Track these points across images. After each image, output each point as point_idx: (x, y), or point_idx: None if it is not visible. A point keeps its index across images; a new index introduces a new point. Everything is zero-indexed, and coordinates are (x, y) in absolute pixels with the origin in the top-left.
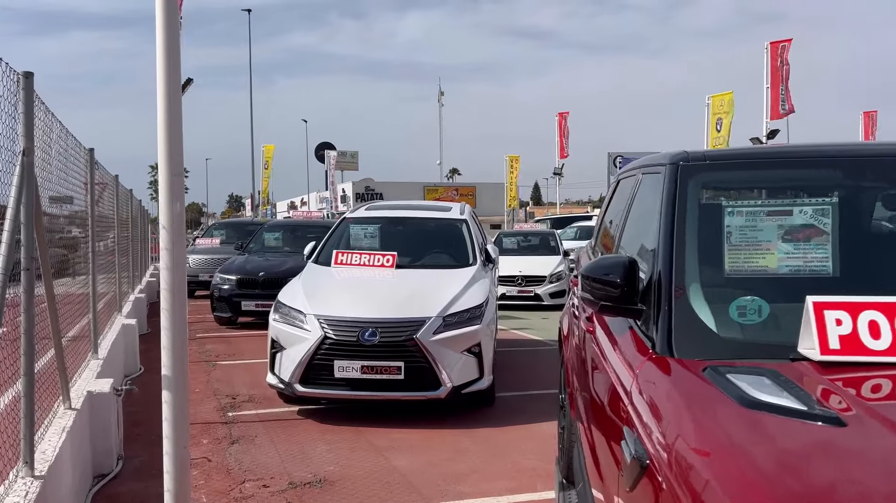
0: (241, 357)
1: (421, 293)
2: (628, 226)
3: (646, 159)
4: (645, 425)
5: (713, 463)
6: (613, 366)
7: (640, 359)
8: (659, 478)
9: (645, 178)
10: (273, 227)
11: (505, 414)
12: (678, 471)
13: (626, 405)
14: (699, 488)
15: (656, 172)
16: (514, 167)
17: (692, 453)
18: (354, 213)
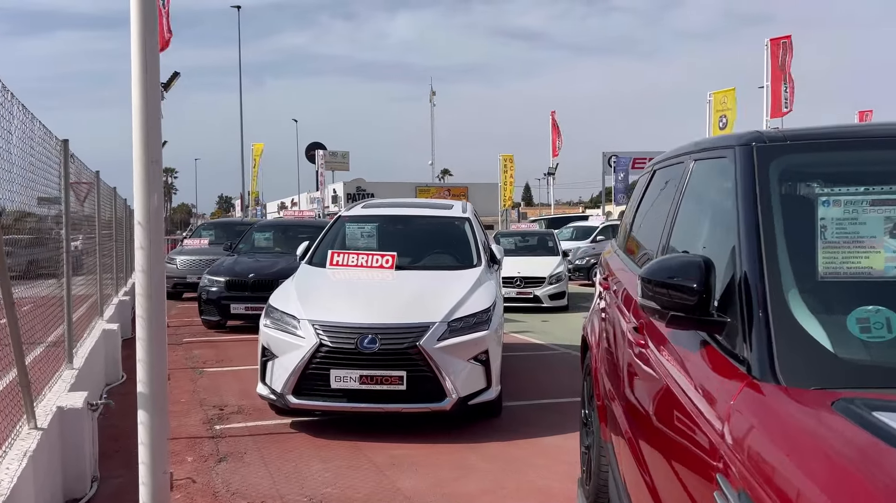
0: (229, 363)
1: (423, 296)
2: (679, 220)
3: (695, 144)
4: (760, 479)
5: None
6: (684, 389)
7: (730, 386)
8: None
9: (699, 164)
10: (263, 226)
11: (512, 426)
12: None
13: (719, 445)
14: None
15: (718, 157)
16: (509, 167)
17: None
18: (350, 212)
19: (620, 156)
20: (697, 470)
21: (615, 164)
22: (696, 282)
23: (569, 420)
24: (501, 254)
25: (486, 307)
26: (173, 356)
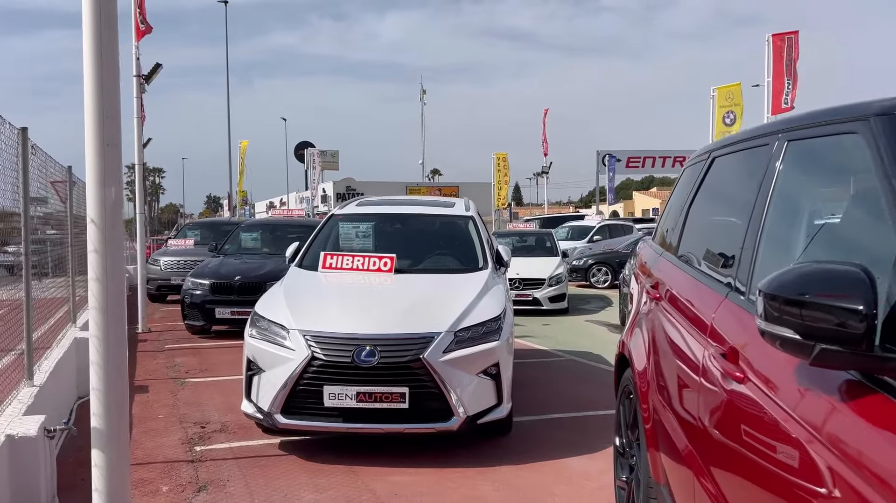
0: (213, 373)
1: (426, 303)
2: (772, 215)
3: (785, 121)
4: None
5: None
6: (838, 454)
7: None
8: None
9: (797, 146)
10: (250, 226)
11: (524, 446)
12: None
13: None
14: None
15: (834, 133)
16: (503, 165)
17: None
18: (344, 210)
19: (614, 154)
20: None
21: (609, 162)
22: (862, 303)
23: (588, 438)
24: (509, 256)
25: (495, 315)
26: (153, 365)
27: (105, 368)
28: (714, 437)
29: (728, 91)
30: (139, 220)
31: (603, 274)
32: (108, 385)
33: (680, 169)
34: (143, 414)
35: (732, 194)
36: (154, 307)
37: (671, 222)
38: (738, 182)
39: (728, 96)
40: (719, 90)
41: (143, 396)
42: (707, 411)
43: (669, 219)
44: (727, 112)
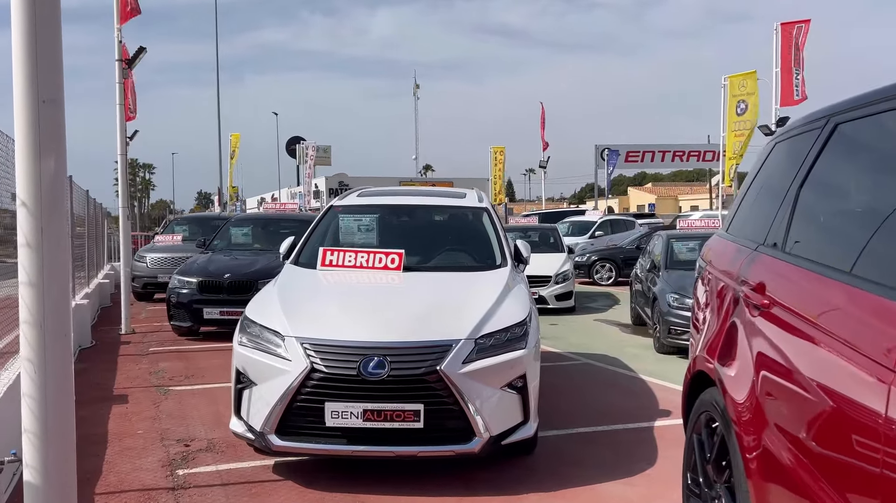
0: (201, 379)
1: (442, 306)
2: None
3: None
4: None
5: None
6: None
7: None
8: None
9: None
10: (241, 221)
11: (552, 467)
12: None
13: None
14: None
15: None
16: (499, 159)
17: None
18: (344, 201)
19: (612, 148)
20: None
21: (608, 156)
22: None
23: (623, 457)
24: (528, 252)
25: (520, 319)
26: (136, 370)
27: (42, 404)
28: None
29: (741, 80)
30: (122, 215)
31: (607, 270)
32: (46, 427)
33: (679, 163)
34: (120, 429)
35: (833, 175)
36: (140, 306)
37: (765, 210)
38: (870, 158)
39: (741, 85)
40: (731, 79)
41: (121, 408)
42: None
43: (760, 206)
44: (739, 101)
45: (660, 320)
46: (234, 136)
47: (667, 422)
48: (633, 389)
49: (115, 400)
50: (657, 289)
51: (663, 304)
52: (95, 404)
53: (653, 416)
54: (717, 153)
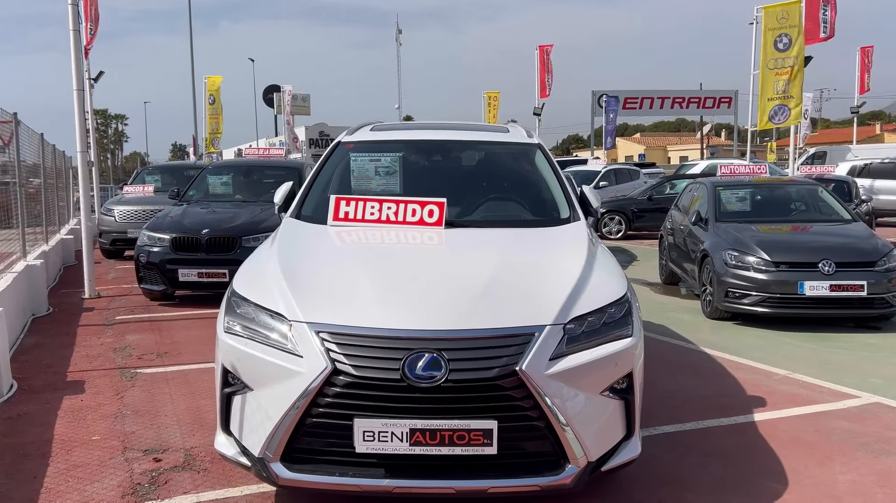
0: (176, 358)
1: (511, 278)
2: None
3: None
4: None
5: None
6: None
7: None
8: None
9: None
10: (220, 168)
11: (652, 489)
12: None
13: None
14: None
15: None
16: (493, 105)
17: None
18: (355, 136)
19: (610, 94)
20: None
21: (606, 103)
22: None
23: (739, 474)
24: (598, 202)
25: (620, 295)
26: (97, 346)
27: None
28: None
29: (781, 10)
30: (81, 160)
31: (616, 223)
32: None
33: (679, 110)
34: (71, 434)
35: None
36: (108, 265)
37: None
38: None
39: (781, 16)
40: (767, 10)
41: (74, 400)
42: None
43: None
44: (780, 35)
45: (714, 281)
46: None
47: (769, 415)
48: (701, 367)
49: (67, 388)
50: (708, 246)
51: (718, 264)
52: (42, 395)
53: (747, 407)
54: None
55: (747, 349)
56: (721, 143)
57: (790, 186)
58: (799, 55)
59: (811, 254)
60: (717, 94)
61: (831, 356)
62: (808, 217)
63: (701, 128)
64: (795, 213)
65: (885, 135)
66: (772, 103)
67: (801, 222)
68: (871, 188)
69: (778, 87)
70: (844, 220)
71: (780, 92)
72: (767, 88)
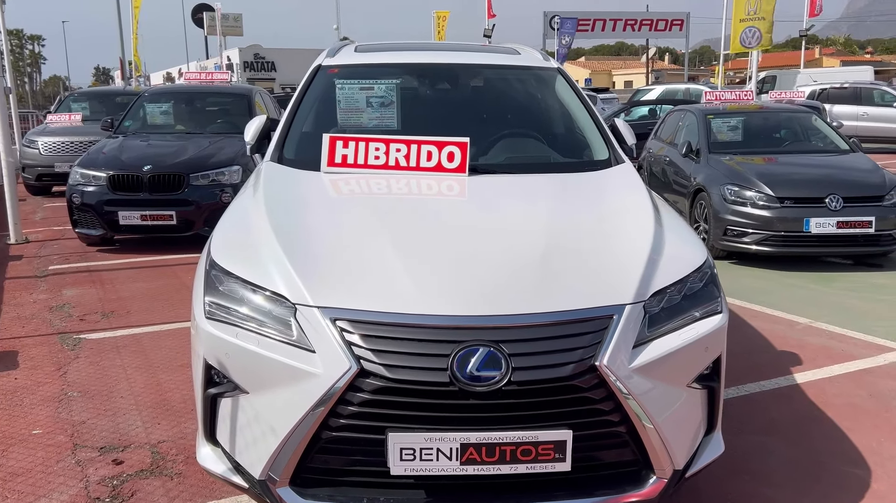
0: (124, 318)
1: (572, 243)
2: None
3: None
4: None
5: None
6: None
7: None
8: None
9: None
10: (159, 95)
11: (715, 475)
12: None
13: None
14: None
15: None
16: (442, 25)
17: None
18: (338, 58)
19: (564, 16)
20: None
21: (559, 25)
22: None
23: (809, 459)
24: (633, 137)
25: (702, 260)
26: (29, 305)
27: None
28: None
29: None
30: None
31: None
32: None
33: (632, 33)
34: (5, 427)
35: None
36: (34, 203)
37: None
38: None
39: None
40: None
41: (5, 379)
42: None
43: None
44: None
45: (710, 218)
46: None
47: (810, 375)
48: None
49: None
50: (703, 180)
51: (716, 199)
52: None
53: (783, 366)
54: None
55: (754, 293)
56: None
57: (783, 114)
58: None
59: (817, 188)
60: (670, 16)
61: (845, 299)
62: (803, 147)
63: (647, 51)
64: (790, 144)
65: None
66: (743, 24)
67: (797, 153)
68: (829, 114)
69: (749, 7)
70: (842, 151)
71: (752, 12)
72: (740, 9)
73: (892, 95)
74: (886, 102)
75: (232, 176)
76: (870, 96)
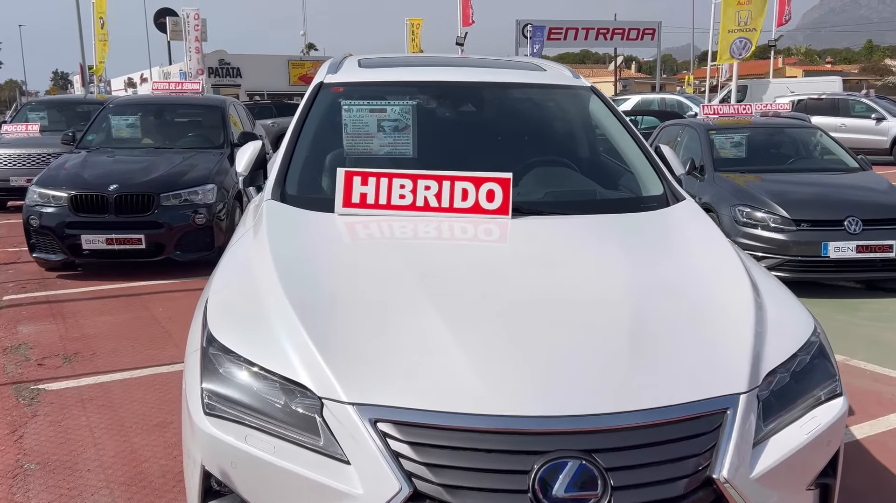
0: (90, 362)
1: (661, 313)
2: None
3: None
4: None
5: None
6: None
7: None
8: None
9: None
10: (125, 106)
11: None
12: None
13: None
14: None
15: None
16: (416, 33)
17: None
18: (341, 75)
19: (536, 24)
20: None
21: (531, 33)
22: None
23: None
24: (682, 167)
25: (810, 330)
26: None
27: None
28: None
29: None
30: None
31: None
32: None
33: (604, 42)
34: None
35: None
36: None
37: None
38: None
39: None
40: None
41: None
42: None
43: None
44: None
45: None
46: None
47: (868, 428)
48: None
49: None
50: (710, 199)
51: (727, 221)
52: None
53: None
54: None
55: None
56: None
57: (787, 130)
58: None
59: (835, 210)
60: (641, 25)
61: (877, 332)
62: (811, 165)
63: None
64: (796, 161)
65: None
66: (733, 35)
67: (806, 171)
68: None
69: (740, 18)
70: (852, 169)
71: (743, 24)
72: (729, 19)
73: (868, 107)
74: (864, 114)
75: (206, 195)
76: (847, 107)
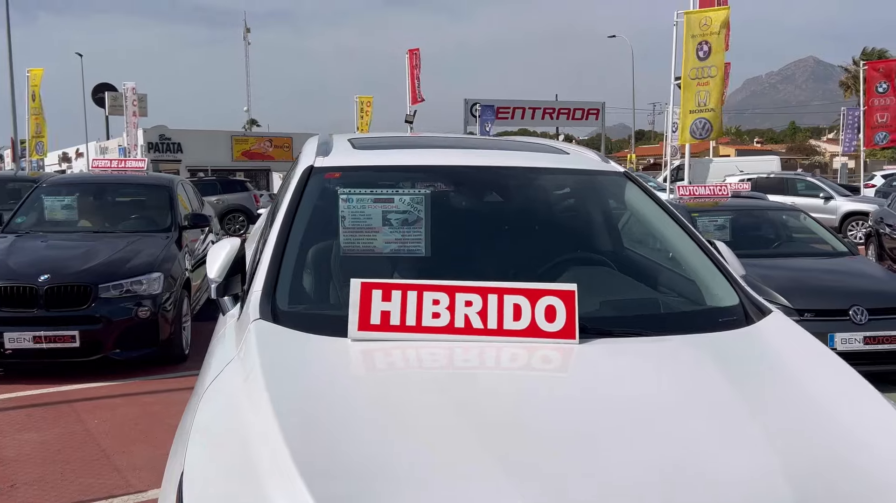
0: (9, 498)
1: (817, 479)
2: None
3: None
4: None
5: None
6: None
7: None
8: None
9: None
10: (60, 185)
11: None
12: None
13: None
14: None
15: None
16: (366, 111)
17: None
18: (333, 159)
19: (484, 103)
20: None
21: (480, 112)
22: None
23: None
24: (742, 268)
25: None
26: None
27: None
28: None
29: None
30: None
31: None
32: None
33: (550, 121)
34: None
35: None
36: None
37: None
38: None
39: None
40: (689, 15)
41: None
42: None
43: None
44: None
45: None
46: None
47: None
48: None
49: None
50: None
51: None
52: None
53: None
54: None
55: None
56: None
57: (771, 212)
58: (719, 64)
59: (839, 299)
60: (586, 105)
61: None
62: (799, 250)
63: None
64: (782, 245)
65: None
66: (693, 116)
67: (794, 255)
68: None
69: (701, 100)
70: (841, 253)
71: (702, 104)
72: (689, 100)
73: (815, 186)
74: (808, 192)
75: (151, 285)
76: (794, 187)
